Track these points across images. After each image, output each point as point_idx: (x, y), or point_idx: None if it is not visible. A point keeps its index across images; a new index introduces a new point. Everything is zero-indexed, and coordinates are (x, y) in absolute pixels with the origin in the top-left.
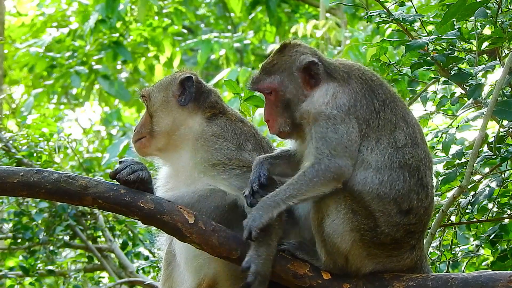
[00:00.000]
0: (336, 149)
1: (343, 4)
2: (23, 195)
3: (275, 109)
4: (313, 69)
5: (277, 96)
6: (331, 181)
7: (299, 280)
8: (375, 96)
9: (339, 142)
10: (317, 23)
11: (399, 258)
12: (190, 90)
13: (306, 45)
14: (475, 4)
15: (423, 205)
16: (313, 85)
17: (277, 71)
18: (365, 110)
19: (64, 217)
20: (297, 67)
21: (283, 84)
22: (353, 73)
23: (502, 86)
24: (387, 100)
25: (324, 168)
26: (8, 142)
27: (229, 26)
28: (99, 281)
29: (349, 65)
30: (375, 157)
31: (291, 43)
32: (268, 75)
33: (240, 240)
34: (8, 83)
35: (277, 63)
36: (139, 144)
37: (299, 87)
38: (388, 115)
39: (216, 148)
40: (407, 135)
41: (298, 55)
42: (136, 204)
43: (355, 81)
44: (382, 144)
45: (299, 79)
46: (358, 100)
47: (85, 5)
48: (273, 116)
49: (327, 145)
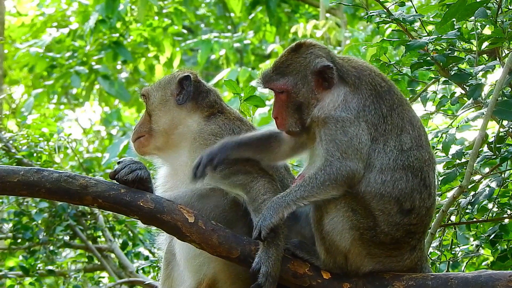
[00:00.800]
0: (347, 151)
1: (343, 4)
2: (23, 194)
3: (285, 108)
4: (328, 73)
5: (289, 97)
6: (342, 184)
7: (299, 279)
8: (383, 102)
9: (350, 144)
10: (317, 23)
11: (399, 259)
12: (188, 89)
13: (321, 46)
14: (475, 4)
15: (425, 205)
16: (326, 87)
17: (291, 72)
18: (373, 115)
19: (64, 217)
20: (311, 70)
21: (296, 86)
22: (364, 79)
23: (502, 86)
24: (395, 105)
25: (336, 171)
26: (8, 142)
27: (229, 26)
28: (99, 281)
29: (360, 68)
30: (380, 159)
31: (306, 43)
32: (282, 76)
33: (240, 240)
34: (8, 83)
35: (291, 64)
36: (138, 143)
37: (312, 90)
38: (395, 120)
39: None
40: (412, 138)
41: (313, 58)
42: (136, 204)
43: (365, 86)
44: (388, 147)
45: (313, 82)
46: (367, 105)
47: (85, 5)
48: (282, 114)
49: (338, 147)
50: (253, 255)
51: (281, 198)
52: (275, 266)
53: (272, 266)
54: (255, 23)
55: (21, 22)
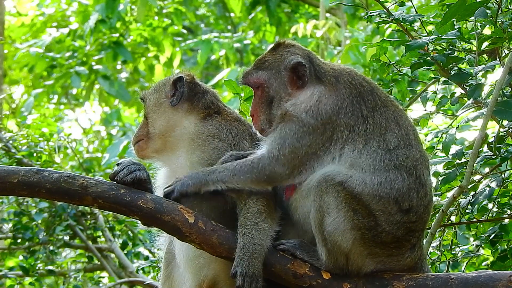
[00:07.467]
0: (286, 155)
1: (343, 4)
2: (23, 194)
3: (260, 105)
4: (300, 70)
5: (262, 92)
6: (262, 182)
7: (299, 279)
8: (364, 102)
9: (294, 151)
10: (317, 23)
11: (400, 258)
12: (181, 90)
13: (300, 47)
14: (475, 4)
15: (423, 203)
16: (300, 86)
17: (266, 68)
18: (350, 117)
19: (64, 217)
20: (285, 66)
21: (269, 81)
22: (342, 78)
23: (502, 86)
24: (377, 106)
25: (261, 168)
26: (8, 142)
27: (229, 26)
28: (99, 281)
29: (340, 70)
30: (366, 160)
31: (285, 43)
32: (257, 71)
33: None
34: (8, 83)
35: (268, 60)
36: (137, 147)
37: (284, 86)
38: (378, 119)
39: (213, 148)
40: (399, 137)
41: (288, 55)
42: (136, 204)
43: (344, 86)
44: (371, 147)
45: (286, 78)
46: (344, 107)
47: (85, 5)
48: (257, 112)
49: (281, 147)
50: None
51: (205, 174)
52: (250, 265)
53: (247, 266)
54: (255, 23)
55: (21, 22)
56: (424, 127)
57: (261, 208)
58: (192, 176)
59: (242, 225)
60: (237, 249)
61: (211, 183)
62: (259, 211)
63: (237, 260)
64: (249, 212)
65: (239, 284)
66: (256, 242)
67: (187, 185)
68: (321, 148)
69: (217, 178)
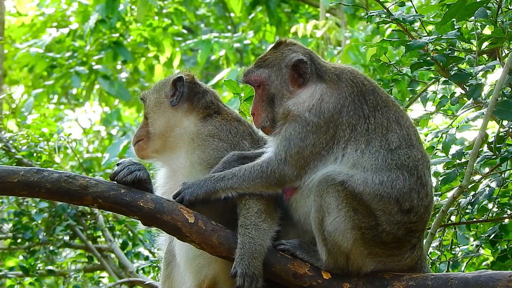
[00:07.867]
0: (293, 156)
1: (343, 4)
2: (23, 194)
3: (261, 103)
4: (301, 67)
5: (263, 90)
6: (272, 185)
7: (299, 279)
8: (365, 101)
9: (301, 151)
10: (317, 23)
11: (400, 258)
12: (181, 89)
13: (301, 45)
14: (475, 4)
15: (424, 204)
16: (301, 84)
17: (267, 65)
18: (352, 116)
19: (64, 217)
20: (286, 63)
21: (269, 79)
22: (344, 76)
23: (502, 86)
24: (378, 106)
25: (271, 171)
26: (8, 142)
27: (229, 26)
28: (99, 281)
29: (341, 68)
30: (368, 160)
31: (286, 41)
32: (258, 69)
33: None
34: (8, 83)
35: (269, 58)
36: (137, 146)
37: (285, 84)
38: (379, 119)
39: (213, 148)
40: (400, 137)
41: (289, 53)
42: (136, 204)
43: (346, 84)
44: (374, 147)
45: (287, 76)
46: (346, 105)
47: (85, 5)
48: (258, 110)
49: (288, 149)
50: None
51: (214, 182)
52: (250, 265)
53: (247, 266)
54: (255, 23)
55: (21, 22)
56: (424, 127)
57: (261, 208)
58: (200, 184)
59: (242, 225)
60: (237, 249)
61: (221, 191)
62: (259, 211)
63: (237, 260)
64: (249, 212)
65: (239, 284)
66: (256, 242)
67: (197, 194)
68: (325, 147)
69: (226, 185)
